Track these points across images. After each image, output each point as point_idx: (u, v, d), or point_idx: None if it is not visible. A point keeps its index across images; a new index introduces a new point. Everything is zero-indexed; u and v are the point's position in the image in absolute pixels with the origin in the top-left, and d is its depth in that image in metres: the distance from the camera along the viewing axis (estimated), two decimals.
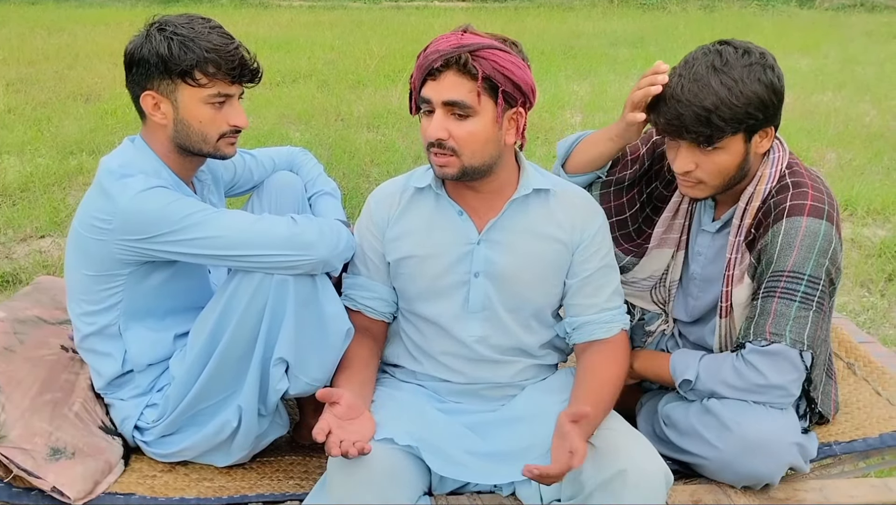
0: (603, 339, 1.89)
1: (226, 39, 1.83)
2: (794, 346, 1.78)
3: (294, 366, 1.84)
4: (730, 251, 1.90)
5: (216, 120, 1.86)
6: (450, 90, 1.70)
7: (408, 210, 1.93)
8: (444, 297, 1.91)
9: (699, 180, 1.85)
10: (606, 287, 1.91)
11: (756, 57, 1.74)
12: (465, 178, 1.80)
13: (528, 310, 1.92)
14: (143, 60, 1.82)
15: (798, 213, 1.78)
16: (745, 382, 1.81)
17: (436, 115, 1.73)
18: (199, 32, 1.81)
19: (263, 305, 1.79)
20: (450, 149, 1.74)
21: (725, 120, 1.73)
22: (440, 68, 1.70)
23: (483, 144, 1.75)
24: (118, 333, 1.94)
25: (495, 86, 1.70)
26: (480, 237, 1.87)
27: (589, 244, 1.89)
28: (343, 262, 1.91)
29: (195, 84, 1.81)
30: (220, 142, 1.89)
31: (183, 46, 1.79)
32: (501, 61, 1.70)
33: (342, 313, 1.88)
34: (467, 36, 1.73)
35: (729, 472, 1.81)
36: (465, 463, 1.79)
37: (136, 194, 1.77)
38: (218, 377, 1.87)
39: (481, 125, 1.72)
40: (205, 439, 1.93)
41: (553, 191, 1.90)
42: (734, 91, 1.72)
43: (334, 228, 1.87)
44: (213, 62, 1.80)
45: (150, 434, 1.97)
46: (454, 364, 1.93)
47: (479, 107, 1.71)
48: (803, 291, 1.77)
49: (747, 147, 1.80)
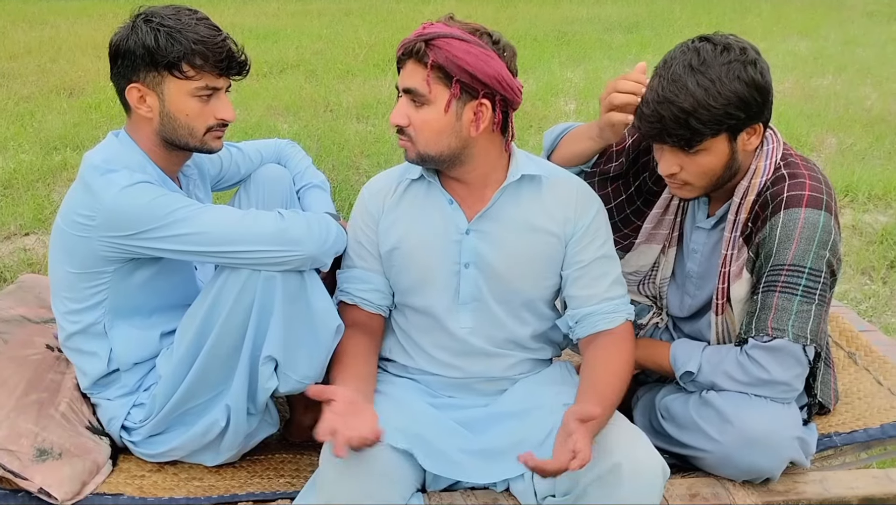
0: (607, 330, 1.85)
1: (213, 31, 1.80)
2: (796, 341, 1.74)
3: (283, 364, 1.81)
4: (725, 247, 1.86)
5: (203, 113, 1.82)
6: (407, 78, 1.75)
7: (402, 200, 1.91)
8: (435, 288, 1.88)
9: (685, 182, 1.81)
10: (605, 277, 1.87)
11: (735, 53, 1.68)
12: (425, 164, 1.82)
13: (518, 301, 1.89)
14: (128, 52, 1.78)
15: (796, 204, 1.74)
16: (749, 376, 1.78)
17: (399, 101, 1.78)
18: (186, 24, 1.77)
19: (251, 302, 1.76)
20: (408, 135, 1.77)
21: (703, 122, 1.67)
22: (402, 57, 1.76)
23: (436, 133, 1.75)
24: (103, 332, 1.90)
25: (450, 75, 1.70)
26: (469, 227, 1.84)
27: (583, 235, 1.86)
28: (333, 257, 1.87)
29: (182, 76, 1.77)
30: (207, 136, 1.85)
31: (170, 38, 1.75)
32: (456, 51, 1.69)
33: (331, 309, 1.84)
34: (433, 25, 1.75)
35: (729, 466, 1.78)
36: (458, 461, 1.76)
37: (119, 190, 1.72)
38: (205, 376, 1.83)
39: (434, 114, 1.73)
40: (193, 439, 1.89)
41: (545, 178, 1.86)
42: (711, 92, 1.66)
43: (323, 223, 1.83)
44: (201, 54, 1.76)
45: (138, 434, 1.93)
46: (446, 358, 1.90)
47: (430, 95, 1.72)
48: (804, 284, 1.74)
49: (733, 146, 1.75)
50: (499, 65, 1.72)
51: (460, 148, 1.78)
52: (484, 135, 1.78)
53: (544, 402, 1.83)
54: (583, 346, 1.89)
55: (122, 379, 1.94)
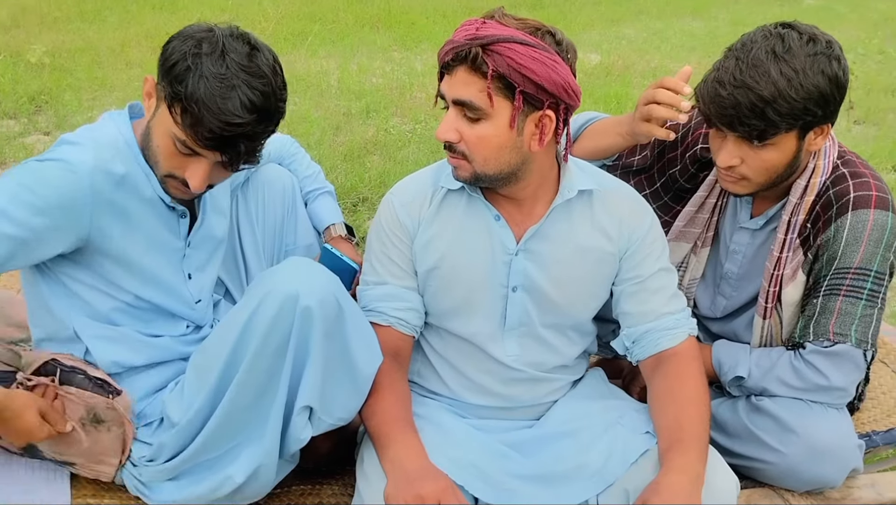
0: (670, 350, 1.69)
1: (243, 117, 1.46)
2: (858, 346, 1.70)
3: (319, 409, 1.57)
4: (779, 249, 1.78)
5: (172, 160, 1.55)
6: (460, 88, 1.51)
7: (439, 213, 1.70)
8: (479, 312, 1.71)
9: (743, 176, 1.71)
10: (663, 291, 1.72)
11: (822, 46, 1.60)
12: (480, 184, 1.62)
13: (567, 323, 1.75)
14: (164, 53, 1.52)
15: (864, 205, 1.69)
16: (806, 382, 1.72)
17: (448, 114, 1.55)
18: (223, 87, 1.45)
19: (284, 340, 1.49)
20: (460, 153, 1.56)
21: (781, 115, 1.58)
22: (451, 63, 1.50)
23: (496, 151, 1.55)
24: (75, 337, 1.67)
25: (513, 85, 1.50)
26: (519, 247, 1.68)
27: (638, 248, 1.71)
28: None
29: (173, 118, 1.50)
30: (168, 180, 1.59)
31: (195, 83, 1.45)
32: (519, 57, 1.47)
33: (372, 343, 1.61)
34: (487, 25, 1.51)
35: (792, 477, 1.73)
36: (514, 489, 1.63)
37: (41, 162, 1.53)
38: (225, 426, 1.57)
39: (494, 129, 1.53)
40: (200, 496, 1.62)
41: (596, 191, 1.70)
42: (794, 82, 1.57)
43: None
44: (204, 128, 1.46)
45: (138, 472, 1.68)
46: (490, 384, 1.75)
47: (490, 109, 1.51)
48: (870, 288, 1.69)
49: (800, 144, 1.67)
50: (565, 70, 1.52)
51: (520, 164, 1.58)
52: (545, 148, 1.60)
53: (593, 420, 1.71)
54: (647, 371, 1.73)
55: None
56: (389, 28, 7.32)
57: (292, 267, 1.55)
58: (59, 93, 4.86)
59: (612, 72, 5.97)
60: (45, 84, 4.95)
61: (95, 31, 6.26)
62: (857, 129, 4.97)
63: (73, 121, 4.46)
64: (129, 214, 1.61)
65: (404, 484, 1.49)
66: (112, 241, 1.60)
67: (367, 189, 3.72)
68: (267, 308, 1.49)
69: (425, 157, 4.09)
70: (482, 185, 1.63)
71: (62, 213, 1.51)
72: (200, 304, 1.78)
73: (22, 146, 4.08)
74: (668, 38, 7.87)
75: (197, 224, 1.74)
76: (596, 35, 7.64)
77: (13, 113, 4.57)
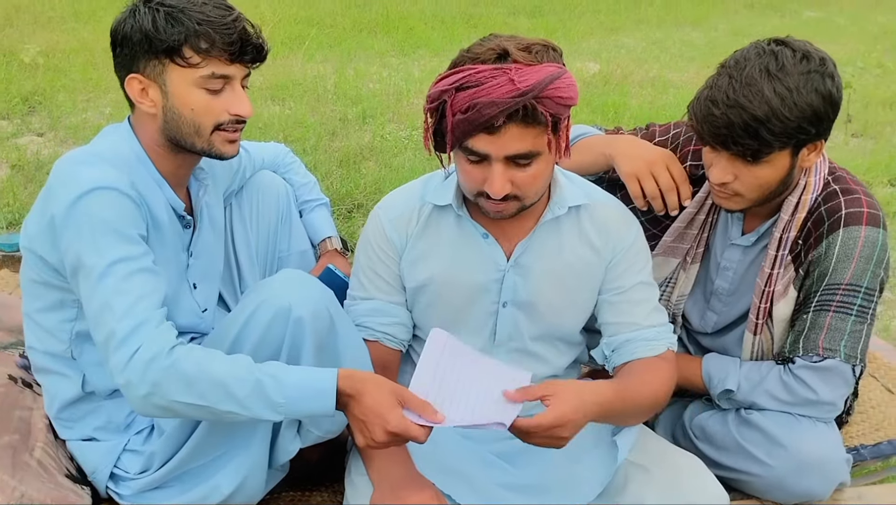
0: (645, 359, 1.69)
1: (222, 10, 1.54)
2: (847, 361, 1.71)
3: (307, 422, 1.58)
4: (771, 265, 1.78)
5: (211, 107, 1.56)
6: (514, 144, 1.48)
7: (426, 229, 1.71)
8: (468, 328, 1.72)
9: (736, 192, 1.71)
10: (645, 304, 1.72)
11: (815, 63, 1.60)
12: (518, 214, 1.61)
13: (556, 335, 1.76)
14: (126, 39, 1.54)
15: (856, 221, 1.69)
16: (794, 396, 1.73)
17: (496, 170, 1.51)
18: (191, 2, 1.52)
19: (275, 352, 1.50)
20: (512, 196, 1.55)
21: (775, 134, 1.58)
22: (501, 124, 1.46)
23: (545, 180, 1.60)
24: (71, 357, 1.65)
25: (558, 119, 1.50)
26: (509, 264, 1.68)
27: (622, 259, 1.72)
28: None
29: (185, 64, 1.53)
30: (215, 136, 1.59)
31: (170, 18, 1.51)
32: (561, 92, 1.47)
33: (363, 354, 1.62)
34: (519, 73, 1.45)
35: (780, 490, 1.74)
36: (499, 497, 1.63)
37: (79, 195, 1.47)
38: (212, 434, 1.58)
39: (545, 163, 1.54)
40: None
41: (584, 205, 1.71)
42: (788, 102, 1.57)
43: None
44: (206, 35, 1.51)
45: (128, 487, 1.68)
46: None
47: (544, 148, 1.51)
48: (860, 304, 1.70)
49: (793, 161, 1.67)
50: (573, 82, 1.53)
51: (550, 180, 1.64)
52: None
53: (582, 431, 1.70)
54: (618, 373, 1.73)
55: (104, 409, 1.68)
56: (387, 33, 7.33)
57: (286, 278, 1.56)
58: (53, 93, 4.84)
59: (611, 81, 5.98)
60: (38, 84, 4.92)
61: (90, 32, 6.25)
62: (855, 143, 4.98)
63: (67, 122, 4.44)
64: (152, 226, 1.59)
65: (390, 493, 1.51)
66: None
67: (362, 195, 3.72)
68: (260, 317, 1.50)
69: (421, 165, 4.09)
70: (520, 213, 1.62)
71: (137, 229, 1.50)
72: (207, 312, 1.78)
73: (15, 147, 4.06)
74: (668, 48, 7.88)
75: (196, 233, 1.74)
76: (595, 44, 7.65)
77: (6, 113, 4.55)
